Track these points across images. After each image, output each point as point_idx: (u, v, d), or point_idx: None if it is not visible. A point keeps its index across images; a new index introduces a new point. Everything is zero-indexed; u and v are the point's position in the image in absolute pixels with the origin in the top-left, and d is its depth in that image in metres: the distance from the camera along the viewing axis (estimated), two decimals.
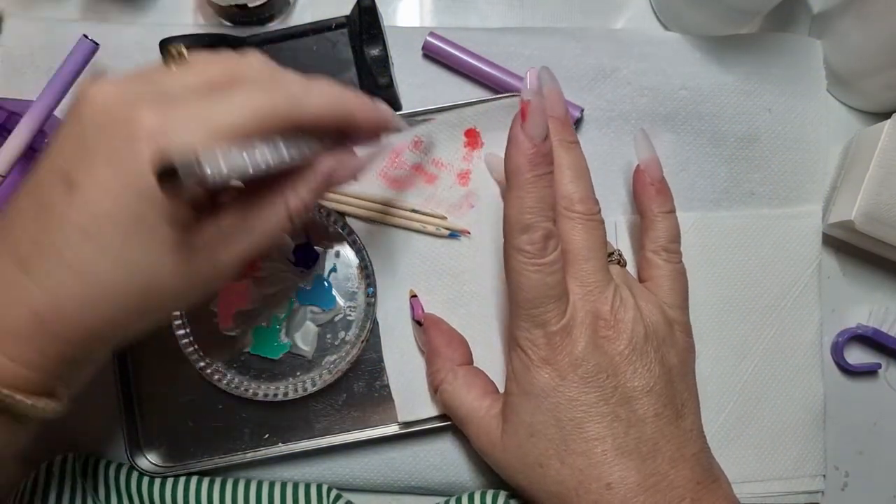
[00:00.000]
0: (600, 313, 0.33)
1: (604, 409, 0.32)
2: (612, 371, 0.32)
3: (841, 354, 0.43)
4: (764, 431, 0.41)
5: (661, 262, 0.37)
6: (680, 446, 0.33)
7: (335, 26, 0.42)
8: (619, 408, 0.32)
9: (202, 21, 0.44)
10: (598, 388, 0.32)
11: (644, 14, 0.46)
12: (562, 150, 0.35)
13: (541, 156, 0.32)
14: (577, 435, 0.32)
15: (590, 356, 0.32)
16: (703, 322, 0.42)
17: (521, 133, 0.32)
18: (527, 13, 0.45)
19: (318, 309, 0.41)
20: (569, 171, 0.35)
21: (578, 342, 0.32)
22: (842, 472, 0.43)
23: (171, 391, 0.41)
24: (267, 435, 0.40)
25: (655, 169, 0.39)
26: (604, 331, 0.32)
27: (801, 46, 0.44)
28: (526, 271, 0.32)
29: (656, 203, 0.38)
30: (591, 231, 0.34)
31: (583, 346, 0.32)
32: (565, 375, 0.32)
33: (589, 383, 0.32)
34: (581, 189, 0.34)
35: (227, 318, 0.40)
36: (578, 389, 0.32)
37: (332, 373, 0.40)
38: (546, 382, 0.32)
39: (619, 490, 0.31)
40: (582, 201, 0.34)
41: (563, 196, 0.34)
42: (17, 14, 0.44)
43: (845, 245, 0.44)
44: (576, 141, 0.36)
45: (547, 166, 0.32)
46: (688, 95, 0.43)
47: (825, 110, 0.44)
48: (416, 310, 0.40)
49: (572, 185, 0.34)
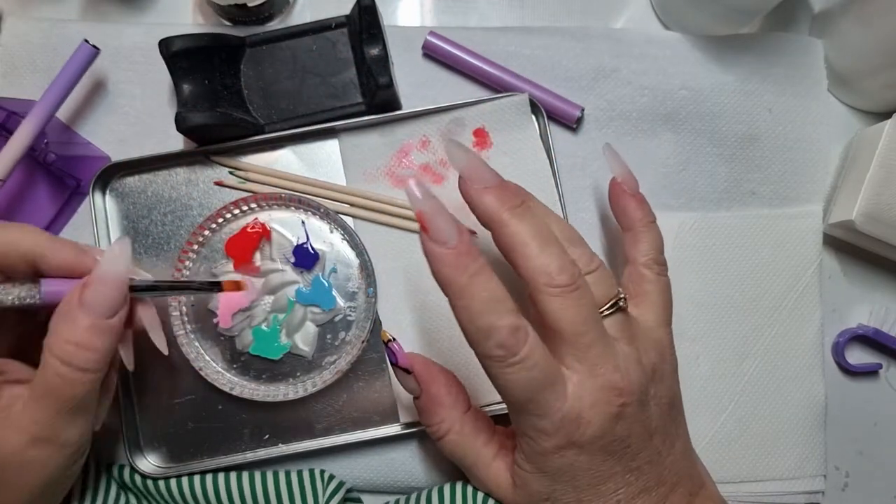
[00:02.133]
0: (611, 384, 0.30)
1: (619, 468, 0.31)
2: (628, 432, 0.31)
3: (842, 354, 0.43)
4: (764, 432, 0.41)
5: (654, 276, 0.35)
6: (678, 471, 0.33)
7: (335, 26, 0.42)
8: (632, 461, 0.31)
9: (201, 21, 0.44)
10: (617, 454, 0.31)
11: (644, 14, 0.46)
12: (514, 221, 0.30)
13: (462, 256, 0.28)
14: (593, 492, 0.31)
15: (609, 430, 0.30)
16: (703, 323, 0.42)
17: (430, 244, 0.29)
18: (527, 13, 0.45)
19: (318, 309, 0.41)
20: (533, 242, 0.30)
21: (594, 421, 0.30)
22: (842, 473, 0.43)
23: (170, 392, 0.41)
24: (267, 436, 0.40)
25: (632, 181, 0.37)
26: (616, 399, 0.30)
27: (801, 46, 0.44)
28: (506, 376, 0.29)
29: (640, 213, 0.36)
30: (580, 301, 0.30)
31: (600, 423, 0.30)
32: (585, 450, 0.30)
33: (610, 453, 0.30)
34: (555, 257, 0.30)
35: (227, 319, 0.40)
36: (600, 459, 0.30)
37: (333, 373, 0.40)
38: (564, 462, 0.30)
39: None
40: (561, 271, 0.29)
41: (537, 273, 0.29)
42: (16, 14, 0.44)
43: (846, 245, 0.44)
44: (526, 201, 0.31)
45: (475, 261, 0.29)
46: (688, 95, 0.43)
47: (826, 110, 0.44)
48: (399, 357, 0.35)
49: (543, 257, 0.29)
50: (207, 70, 0.40)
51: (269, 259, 0.41)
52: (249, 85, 0.42)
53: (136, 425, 0.40)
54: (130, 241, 0.32)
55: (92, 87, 0.43)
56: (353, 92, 0.42)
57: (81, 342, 0.29)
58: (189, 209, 0.41)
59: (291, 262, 0.41)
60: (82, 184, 0.41)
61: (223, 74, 0.41)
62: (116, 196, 0.41)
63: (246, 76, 0.42)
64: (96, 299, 0.30)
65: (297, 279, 0.41)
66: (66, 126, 0.42)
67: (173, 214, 0.41)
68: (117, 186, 0.41)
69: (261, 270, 0.41)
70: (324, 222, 0.41)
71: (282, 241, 0.41)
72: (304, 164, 0.42)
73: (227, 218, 0.41)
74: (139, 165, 0.41)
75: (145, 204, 0.41)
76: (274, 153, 0.42)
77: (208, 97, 0.39)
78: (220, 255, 0.41)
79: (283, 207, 0.41)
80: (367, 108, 0.42)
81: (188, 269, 0.41)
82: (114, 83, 0.43)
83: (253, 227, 0.41)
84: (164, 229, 0.41)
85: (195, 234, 0.40)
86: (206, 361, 0.40)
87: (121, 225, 0.41)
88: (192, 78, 0.39)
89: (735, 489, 0.41)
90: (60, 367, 0.29)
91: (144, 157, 0.41)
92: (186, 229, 0.41)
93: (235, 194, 0.41)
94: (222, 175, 0.42)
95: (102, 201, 0.41)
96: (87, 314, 0.30)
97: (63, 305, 0.30)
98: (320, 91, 0.42)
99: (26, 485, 0.31)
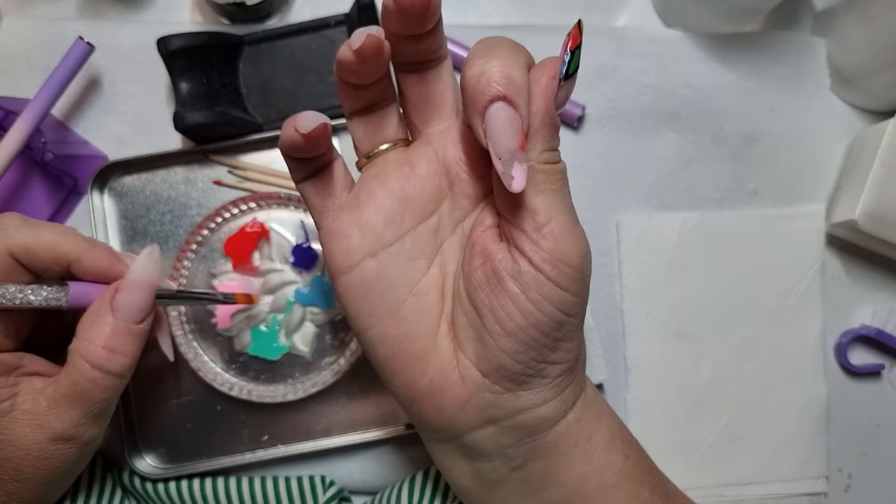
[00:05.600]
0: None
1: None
2: None
3: (844, 355, 0.43)
4: (767, 433, 0.41)
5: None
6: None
7: (334, 24, 0.42)
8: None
9: (200, 19, 0.44)
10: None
11: (646, 12, 0.45)
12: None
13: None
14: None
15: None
16: (705, 323, 0.42)
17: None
18: (528, 11, 0.45)
19: (317, 309, 0.40)
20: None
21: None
22: (845, 474, 0.43)
23: (169, 393, 0.40)
24: (266, 437, 0.40)
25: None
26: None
27: (803, 45, 0.44)
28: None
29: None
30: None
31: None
32: None
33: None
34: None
35: (226, 319, 0.40)
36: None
37: (332, 374, 0.39)
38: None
39: None
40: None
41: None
42: (13, 12, 0.43)
43: (848, 245, 0.44)
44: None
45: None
46: (690, 94, 0.43)
47: (828, 109, 0.44)
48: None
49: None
50: (206, 68, 0.40)
51: (268, 259, 0.40)
52: (248, 83, 0.42)
53: (135, 426, 0.40)
54: (159, 248, 0.32)
55: (89, 85, 0.42)
56: None
57: (114, 347, 0.30)
58: (187, 208, 0.41)
59: (290, 262, 0.40)
60: (80, 183, 0.41)
61: (221, 73, 0.41)
62: (114, 195, 0.41)
63: (244, 75, 0.42)
64: (128, 305, 0.30)
65: (296, 279, 0.40)
66: (63, 125, 0.42)
67: (172, 214, 0.41)
68: (115, 186, 0.41)
69: (259, 270, 0.40)
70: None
71: (281, 241, 0.41)
72: None
73: (225, 217, 0.41)
74: (137, 164, 0.41)
75: (143, 203, 0.41)
76: (273, 152, 0.41)
77: (206, 96, 0.39)
78: (219, 255, 0.41)
79: (282, 207, 0.41)
80: None
81: (186, 268, 0.40)
82: (111, 82, 0.43)
83: (252, 226, 0.41)
84: (163, 229, 0.41)
85: (194, 233, 0.40)
86: (205, 362, 0.40)
87: (119, 224, 0.41)
88: (190, 76, 0.39)
89: (738, 491, 0.41)
90: (92, 371, 0.30)
91: (142, 156, 0.40)
92: (185, 229, 0.41)
93: (234, 193, 0.41)
94: (221, 174, 0.41)
95: (100, 200, 0.41)
96: (118, 319, 0.30)
97: (94, 309, 0.30)
98: (319, 89, 0.41)
99: (42, 476, 0.31)
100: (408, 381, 0.28)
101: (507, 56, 0.25)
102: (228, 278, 0.40)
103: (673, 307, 0.42)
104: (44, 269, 0.31)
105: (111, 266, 0.32)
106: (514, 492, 0.29)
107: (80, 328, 0.30)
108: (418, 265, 0.29)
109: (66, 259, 0.31)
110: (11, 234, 0.30)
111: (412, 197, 0.28)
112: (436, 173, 0.29)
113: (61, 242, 0.31)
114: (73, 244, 0.31)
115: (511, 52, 0.25)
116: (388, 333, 0.28)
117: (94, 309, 0.31)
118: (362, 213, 0.28)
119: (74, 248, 0.31)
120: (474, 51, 0.26)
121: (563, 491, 0.29)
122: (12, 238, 0.30)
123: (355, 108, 0.29)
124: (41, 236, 0.30)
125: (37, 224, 0.31)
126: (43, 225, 0.31)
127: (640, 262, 0.42)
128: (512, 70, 0.24)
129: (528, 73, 0.26)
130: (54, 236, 0.31)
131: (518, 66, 0.25)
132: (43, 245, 0.30)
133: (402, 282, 0.28)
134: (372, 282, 0.28)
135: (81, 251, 0.31)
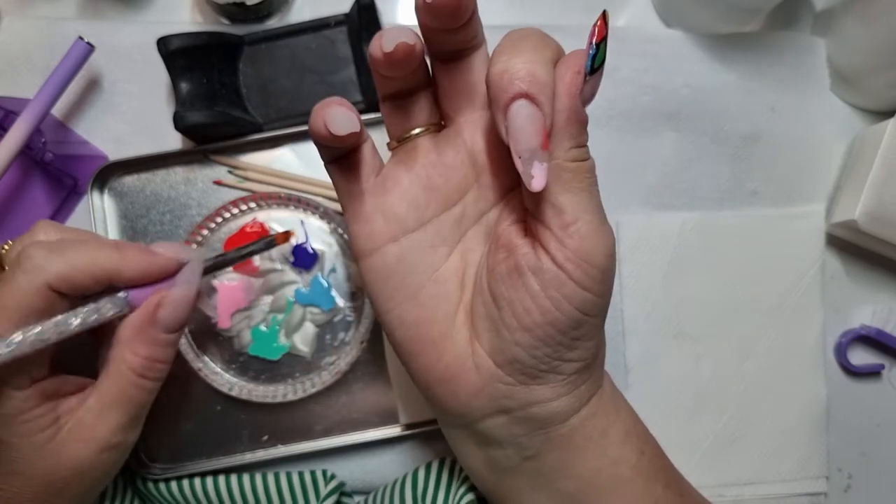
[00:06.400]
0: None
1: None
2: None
3: (844, 355, 0.43)
4: (766, 433, 0.41)
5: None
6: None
7: (334, 24, 0.42)
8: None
9: (200, 19, 0.44)
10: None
11: (645, 12, 0.45)
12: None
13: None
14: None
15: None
16: (705, 323, 0.42)
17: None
18: (527, 11, 0.45)
19: (317, 309, 0.40)
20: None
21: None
22: (845, 474, 0.43)
23: (168, 393, 0.40)
24: (266, 437, 0.40)
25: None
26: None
27: (803, 45, 0.44)
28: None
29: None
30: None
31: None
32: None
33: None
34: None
35: (226, 319, 0.40)
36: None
37: (332, 374, 0.39)
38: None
39: None
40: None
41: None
42: (13, 12, 0.43)
43: (848, 245, 0.44)
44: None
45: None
46: (690, 94, 0.43)
47: (828, 109, 0.44)
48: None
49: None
50: (206, 68, 0.40)
51: (268, 259, 0.40)
52: (248, 83, 0.42)
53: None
54: (199, 253, 0.33)
55: (89, 85, 0.42)
56: (352, 90, 0.42)
57: (157, 357, 0.32)
58: (187, 208, 0.41)
59: (290, 262, 0.40)
60: (80, 183, 0.41)
61: (221, 73, 0.41)
62: (114, 195, 0.41)
63: (244, 74, 0.42)
64: (171, 320, 0.31)
65: (296, 279, 0.40)
66: (63, 125, 0.42)
67: (172, 214, 0.41)
68: (115, 186, 0.41)
69: (259, 270, 0.40)
70: (323, 222, 0.41)
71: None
72: (304, 163, 0.42)
73: (225, 217, 0.41)
74: (137, 164, 0.41)
75: (143, 203, 0.41)
76: (273, 152, 0.42)
77: (206, 96, 0.39)
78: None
79: (282, 207, 0.41)
80: (366, 107, 0.41)
81: None
82: (111, 82, 0.43)
83: (252, 226, 0.41)
84: (163, 229, 0.41)
85: (194, 233, 0.40)
86: (205, 362, 0.40)
87: (119, 224, 0.41)
88: (190, 76, 0.39)
89: (738, 491, 0.41)
90: (137, 379, 0.31)
91: (142, 156, 0.40)
92: (185, 229, 0.41)
93: (234, 193, 0.41)
94: (221, 174, 0.41)
95: (100, 200, 0.41)
96: (160, 331, 0.31)
97: (136, 322, 0.31)
98: (319, 89, 0.41)
99: (87, 487, 0.32)
100: (424, 366, 0.29)
101: (532, 52, 0.25)
102: (228, 278, 0.40)
103: (673, 307, 0.42)
104: (84, 291, 0.30)
105: (150, 265, 0.32)
106: (527, 481, 0.29)
107: (123, 337, 0.31)
108: (439, 252, 0.29)
109: (105, 276, 0.30)
110: (44, 266, 0.29)
111: (437, 185, 0.28)
112: (463, 163, 0.29)
113: (94, 260, 0.30)
114: (105, 259, 0.30)
115: (537, 48, 0.25)
116: (406, 317, 0.28)
117: (138, 322, 0.31)
118: (387, 199, 0.28)
119: (107, 262, 0.30)
120: (501, 45, 0.25)
121: (576, 483, 0.29)
122: (48, 271, 0.29)
123: (388, 93, 0.29)
124: (74, 261, 0.30)
125: (64, 247, 0.30)
126: (70, 246, 0.30)
127: (640, 262, 0.42)
128: (536, 67, 0.24)
129: (555, 68, 0.25)
130: (86, 255, 0.30)
131: (543, 63, 0.25)
132: (79, 270, 0.30)
133: (422, 268, 0.28)
134: (393, 266, 0.28)
135: (116, 263, 0.30)
